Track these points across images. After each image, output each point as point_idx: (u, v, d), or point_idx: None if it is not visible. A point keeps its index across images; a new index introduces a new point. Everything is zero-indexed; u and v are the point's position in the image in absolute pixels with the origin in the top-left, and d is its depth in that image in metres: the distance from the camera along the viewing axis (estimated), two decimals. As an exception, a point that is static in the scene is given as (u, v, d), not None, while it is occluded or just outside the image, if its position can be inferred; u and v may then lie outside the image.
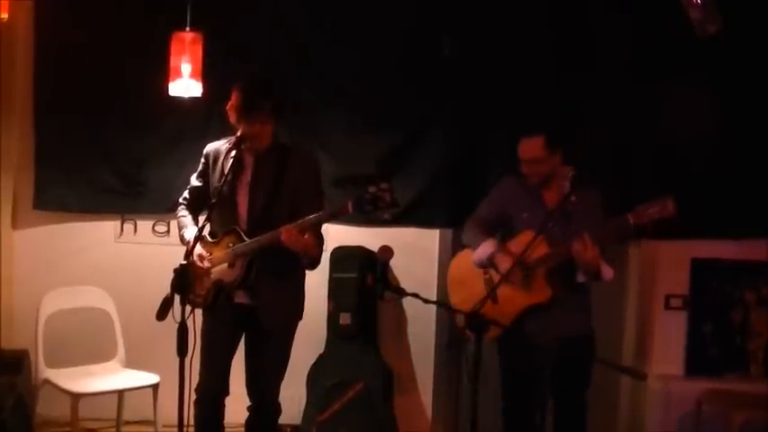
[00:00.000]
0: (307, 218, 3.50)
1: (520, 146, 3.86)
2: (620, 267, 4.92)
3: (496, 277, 3.77)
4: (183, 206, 3.95)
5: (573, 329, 3.84)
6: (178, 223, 3.92)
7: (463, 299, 3.84)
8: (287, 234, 3.48)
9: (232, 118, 3.64)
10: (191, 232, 3.78)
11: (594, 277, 3.78)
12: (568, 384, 3.92)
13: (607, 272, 3.77)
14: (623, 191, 4.34)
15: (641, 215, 3.59)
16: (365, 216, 3.57)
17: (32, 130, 4.91)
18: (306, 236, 3.51)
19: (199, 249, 3.69)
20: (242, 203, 3.70)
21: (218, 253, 3.71)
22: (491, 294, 3.61)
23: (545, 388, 3.96)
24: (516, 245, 3.79)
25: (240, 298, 3.70)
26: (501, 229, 3.97)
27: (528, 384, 3.95)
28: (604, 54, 4.72)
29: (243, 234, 3.63)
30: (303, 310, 3.86)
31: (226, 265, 3.69)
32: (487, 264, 3.87)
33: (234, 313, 3.73)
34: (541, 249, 3.74)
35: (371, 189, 3.40)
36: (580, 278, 3.79)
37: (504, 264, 3.75)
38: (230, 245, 3.67)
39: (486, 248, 3.88)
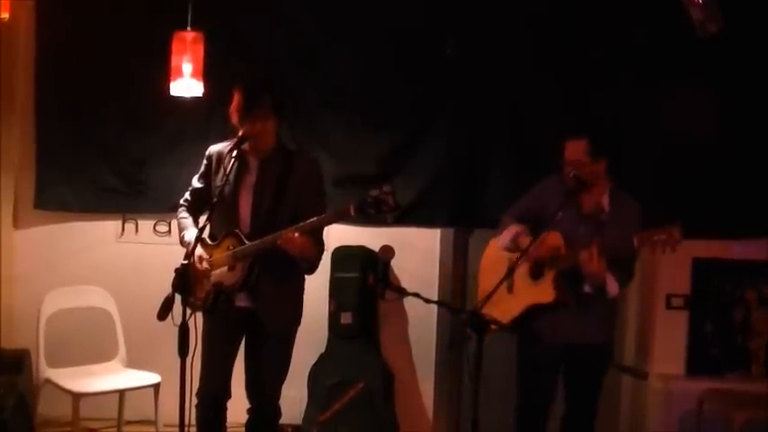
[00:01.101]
0: (309, 221, 3.50)
1: (566, 147, 3.84)
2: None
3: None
4: (183, 208, 3.93)
5: (587, 336, 3.82)
6: (178, 225, 3.91)
7: (487, 287, 3.81)
8: (285, 237, 3.47)
9: (234, 119, 3.64)
10: (191, 234, 3.77)
11: (599, 290, 3.77)
12: (582, 392, 3.92)
13: (612, 287, 3.75)
14: (624, 191, 4.33)
15: (646, 240, 3.58)
16: (368, 219, 3.56)
17: (33, 130, 4.91)
18: (304, 240, 3.50)
19: (198, 251, 3.67)
20: (244, 206, 3.69)
21: (218, 255, 3.70)
22: (507, 277, 3.62)
23: (554, 389, 3.95)
24: (539, 239, 3.78)
25: (241, 301, 3.69)
26: (533, 227, 3.93)
27: (539, 382, 3.94)
28: (605, 54, 4.72)
29: (243, 237, 3.63)
30: (302, 315, 3.85)
31: (226, 268, 3.68)
32: (512, 245, 3.88)
33: (234, 316, 3.72)
34: (558, 248, 3.75)
35: (374, 192, 3.39)
36: (586, 288, 3.78)
37: (526, 242, 3.77)
38: (230, 247, 3.66)
39: (511, 231, 3.90)
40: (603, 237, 3.69)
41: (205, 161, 3.84)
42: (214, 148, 3.83)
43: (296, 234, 3.45)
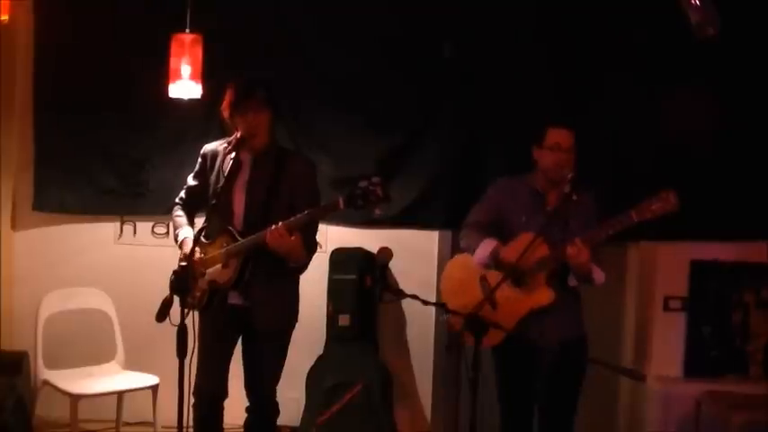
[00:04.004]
0: (297, 216, 3.50)
1: (558, 135, 3.79)
2: (619, 269, 4.95)
3: (493, 281, 3.66)
4: (178, 206, 3.95)
5: (571, 332, 3.83)
6: (173, 223, 3.93)
7: (461, 306, 3.64)
8: (272, 234, 3.47)
9: (226, 114, 3.67)
10: (185, 232, 3.80)
11: (586, 281, 3.75)
12: (565, 388, 3.90)
13: (599, 276, 3.72)
14: (623, 193, 4.33)
15: (644, 211, 3.55)
16: (357, 211, 3.53)
17: (32, 131, 4.91)
18: (293, 237, 3.50)
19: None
20: (238, 203, 3.70)
21: (213, 253, 3.71)
22: (489, 297, 3.55)
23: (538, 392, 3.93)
24: (516, 246, 3.72)
25: (234, 299, 3.70)
26: (496, 234, 3.87)
27: (528, 390, 3.91)
28: (604, 55, 4.72)
29: (236, 234, 3.63)
30: (298, 312, 3.85)
31: (220, 266, 3.68)
32: (491, 261, 3.77)
33: (229, 315, 3.73)
34: (542, 251, 3.71)
35: (362, 183, 3.41)
36: (572, 282, 3.76)
37: (510, 256, 3.69)
38: (224, 245, 3.67)
39: (487, 246, 3.78)
40: (572, 228, 3.67)
41: (200, 159, 3.86)
42: (209, 147, 3.85)
43: (284, 231, 3.45)
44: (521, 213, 3.83)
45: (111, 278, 4.96)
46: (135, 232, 5.05)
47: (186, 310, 3.27)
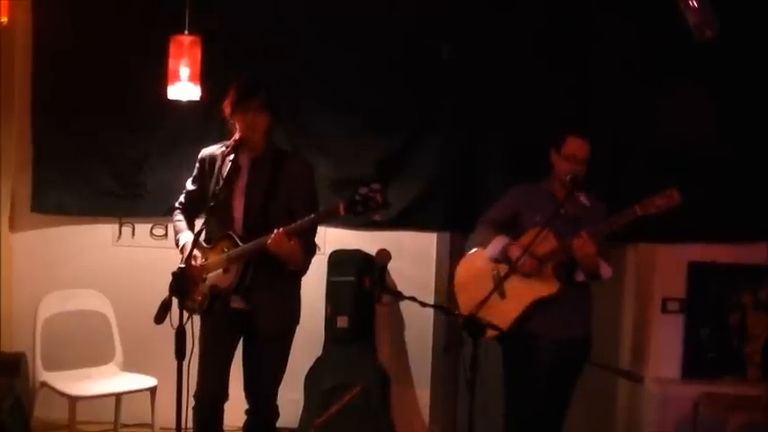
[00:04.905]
0: (298, 222, 3.50)
1: (576, 145, 3.89)
2: (617, 270, 4.94)
3: (504, 272, 3.80)
4: (178, 210, 3.95)
5: (576, 331, 3.86)
6: (174, 228, 3.93)
7: (471, 300, 3.76)
8: (273, 239, 3.48)
9: (227, 111, 3.68)
10: (186, 236, 3.80)
11: (593, 275, 3.82)
12: (562, 385, 3.92)
13: (606, 270, 3.84)
14: (620, 193, 4.34)
15: (648, 206, 3.67)
16: (357, 217, 3.56)
17: (30, 132, 4.91)
18: (291, 242, 3.50)
19: (194, 253, 3.68)
20: (237, 207, 3.70)
21: (214, 258, 3.71)
22: (498, 287, 3.67)
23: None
24: (524, 241, 3.83)
25: (236, 303, 3.70)
26: (509, 232, 3.98)
27: (537, 388, 3.92)
28: (603, 57, 4.73)
29: (237, 239, 3.64)
30: (299, 315, 3.85)
31: (221, 270, 3.69)
32: (501, 256, 3.90)
33: (230, 319, 3.72)
34: (551, 244, 3.79)
35: (363, 190, 3.41)
36: (579, 277, 3.82)
37: (516, 252, 3.80)
38: (225, 250, 3.67)
39: (498, 243, 3.93)
40: (582, 227, 3.77)
41: (198, 164, 3.86)
42: (206, 151, 3.85)
43: (284, 236, 3.46)
44: (536, 213, 3.92)
45: (110, 280, 4.95)
46: (133, 234, 5.05)
47: (186, 315, 3.28)
